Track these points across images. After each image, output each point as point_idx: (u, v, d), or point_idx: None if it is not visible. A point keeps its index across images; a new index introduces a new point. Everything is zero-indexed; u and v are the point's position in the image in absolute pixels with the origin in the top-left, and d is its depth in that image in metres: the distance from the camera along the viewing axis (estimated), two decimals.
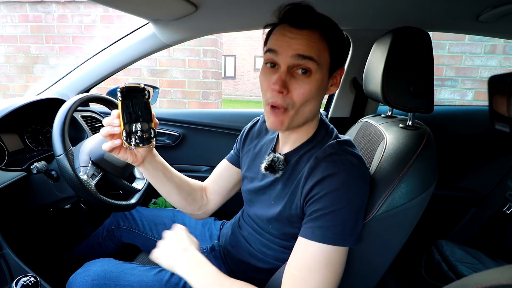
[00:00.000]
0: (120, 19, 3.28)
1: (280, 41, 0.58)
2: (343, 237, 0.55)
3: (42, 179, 0.92)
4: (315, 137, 0.67)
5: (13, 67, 3.54)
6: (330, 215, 0.55)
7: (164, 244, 0.68)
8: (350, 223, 0.56)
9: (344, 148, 0.61)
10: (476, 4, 0.90)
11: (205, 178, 0.90)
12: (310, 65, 0.57)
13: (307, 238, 0.56)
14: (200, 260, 0.64)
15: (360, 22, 1.14)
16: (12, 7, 3.37)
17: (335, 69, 0.62)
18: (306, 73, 0.57)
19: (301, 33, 0.57)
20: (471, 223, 1.39)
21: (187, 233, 0.70)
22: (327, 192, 0.56)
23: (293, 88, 0.58)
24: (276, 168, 0.66)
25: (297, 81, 0.58)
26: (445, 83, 3.06)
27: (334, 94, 1.41)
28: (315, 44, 0.57)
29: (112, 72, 1.31)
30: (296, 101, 0.58)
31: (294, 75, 0.58)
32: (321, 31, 0.58)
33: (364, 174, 0.60)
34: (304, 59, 0.56)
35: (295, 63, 0.57)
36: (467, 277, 0.29)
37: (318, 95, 0.60)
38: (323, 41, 0.58)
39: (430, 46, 0.69)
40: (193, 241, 0.69)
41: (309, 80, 0.58)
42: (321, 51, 0.58)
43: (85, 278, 0.76)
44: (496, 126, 0.27)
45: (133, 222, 1.05)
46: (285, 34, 0.58)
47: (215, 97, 3.51)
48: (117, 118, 0.60)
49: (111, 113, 0.61)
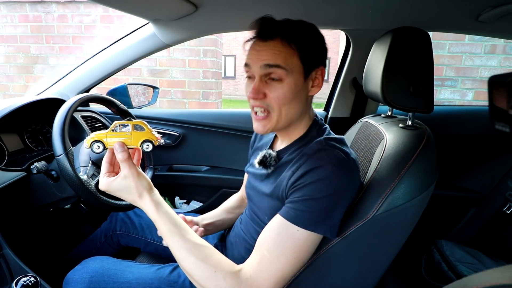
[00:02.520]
0: (120, 19, 3.28)
1: (251, 54, 0.64)
2: (315, 224, 0.58)
3: (42, 179, 0.92)
4: (306, 135, 0.69)
5: (13, 67, 3.54)
6: (309, 201, 0.58)
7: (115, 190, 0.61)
8: (325, 212, 0.58)
9: (331, 144, 0.63)
10: (476, 4, 0.90)
11: (205, 178, 0.90)
12: (279, 72, 0.61)
13: (282, 216, 0.60)
14: (154, 210, 0.60)
15: (360, 22, 1.14)
16: (12, 7, 3.37)
17: (310, 70, 0.64)
18: (277, 80, 0.62)
19: (266, 44, 0.62)
20: (471, 223, 1.39)
21: (134, 179, 0.60)
22: (310, 182, 0.58)
23: (268, 92, 0.63)
24: (267, 164, 0.70)
25: (271, 87, 0.63)
26: (445, 83, 3.06)
27: (334, 94, 1.42)
28: (279, 52, 0.61)
29: (112, 72, 1.31)
30: (273, 104, 0.63)
31: (268, 82, 0.63)
32: (285, 38, 0.61)
33: (349, 169, 0.61)
34: (271, 67, 0.61)
35: (265, 73, 0.62)
36: (467, 277, 0.29)
37: (296, 97, 0.63)
38: (287, 47, 0.61)
39: (430, 46, 0.69)
40: (143, 184, 0.61)
41: (281, 85, 0.62)
42: (288, 57, 0.61)
43: (84, 274, 0.77)
44: (496, 126, 0.27)
45: (132, 226, 1.04)
46: (254, 48, 0.64)
47: (215, 97, 3.51)
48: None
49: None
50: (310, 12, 1.04)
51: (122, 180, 0.59)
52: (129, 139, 0.60)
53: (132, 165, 0.60)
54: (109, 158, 0.63)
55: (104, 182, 0.61)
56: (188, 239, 0.59)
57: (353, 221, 0.61)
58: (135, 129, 0.61)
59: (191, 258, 0.58)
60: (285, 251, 0.58)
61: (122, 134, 0.60)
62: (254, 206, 0.77)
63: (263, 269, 0.58)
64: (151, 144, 0.61)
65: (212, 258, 0.59)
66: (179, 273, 0.79)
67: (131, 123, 0.61)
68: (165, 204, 0.62)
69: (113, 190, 0.61)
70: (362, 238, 0.61)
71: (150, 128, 0.62)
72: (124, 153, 0.59)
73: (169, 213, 0.61)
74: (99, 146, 0.60)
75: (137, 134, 0.61)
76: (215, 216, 0.91)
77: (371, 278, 0.67)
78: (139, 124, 0.61)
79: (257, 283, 0.57)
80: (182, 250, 0.59)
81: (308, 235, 0.58)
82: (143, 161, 1.10)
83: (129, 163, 0.59)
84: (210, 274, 0.57)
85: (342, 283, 0.66)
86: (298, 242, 0.58)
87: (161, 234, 0.61)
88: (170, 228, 0.59)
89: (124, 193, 0.60)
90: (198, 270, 0.57)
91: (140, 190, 0.60)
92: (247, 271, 0.58)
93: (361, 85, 0.89)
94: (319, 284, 0.64)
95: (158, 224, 0.60)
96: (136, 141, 0.61)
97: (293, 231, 0.58)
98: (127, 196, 0.60)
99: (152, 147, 0.61)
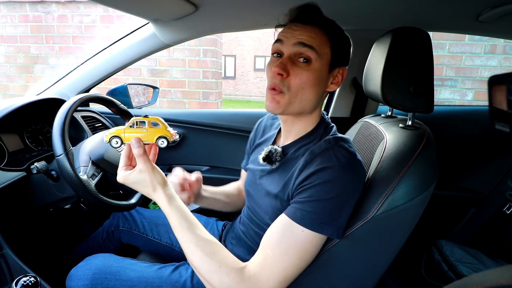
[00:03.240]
0: (120, 19, 3.28)
1: (285, 32, 0.64)
2: (321, 225, 0.58)
3: (42, 179, 0.92)
4: (314, 132, 0.69)
5: (13, 67, 3.54)
6: (316, 202, 0.58)
7: (131, 183, 0.63)
8: (332, 213, 0.58)
9: (340, 144, 0.63)
10: (476, 4, 0.90)
11: (205, 178, 0.91)
12: (310, 54, 0.62)
13: (288, 216, 0.60)
14: (166, 204, 0.62)
15: (360, 22, 1.14)
16: (12, 7, 3.37)
17: (335, 65, 0.66)
18: (306, 62, 0.62)
19: (304, 27, 0.63)
20: (471, 223, 1.39)
21: (149, 173, 0.62)
22: (318, 183, 0.58)
23: (292, 72, 0.62)
24: (273, 159, 0.69)
25: (297, 68, 0.62)
26: (445, 83, 3.06)
27: (334, 94, 1.41)
28: (316, 36, 0.62)
29: (112, 72, 1.31)
30: (292, 85, 0.63)
31: (296, 62, 0.63)
32: (324, 28, 0.63)
33: (357, 170, 0.61)
34: (305, 46, 0.61)
35: (297, 51, 0.62)
36: (467, 277, 0.29)
37: (316, 85, 0.64)
38: (325, 36, 0.63)
39: (430, 46, 0.69)
40: (157, 179, 0.62)
41: (308, 68, 0.62)
42: (322, 43, 0.63)
43: (86, 271, 0.77)
44: (496, 126, 0.27)
45: (133, 223, 1.05)
46: (291, 27, 0.64)
47: (215, 97, 3.51)
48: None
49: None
50: None
51: (137, 174, 0.61)
52: (145, 135, 0.62)
53: (147, 160, 0.62)
54: (127, 152, 0.65)
55: (122, 175, 0.63)
56: (197, 233, 0.61)
57: (353, 221, 0.61)
58: (152, 126, 0.63)
59: (198, 252, 0.59)
60: (289, 251, 0.58)
61: (139, 130, 0.63)
62: (254, 204, 0.76)
63: (267, 268, 0.58)
64: (166, 140, 0.63)
65: (218, 253, 0.60)
66: (180, 273, 0.79)
67: (148, 120, 0.63)
68: (177, 198, 0.64)
69: (129, 183, 0.63)
70: (362, 238, 0.61)
71: (166, 124, 0.64)
72: (140, 148, 0.61)
73: (181, 208, 0.63)
74: (117, 141, 0.63)
75: (153, 130, 0.63)
76: (212, 191, 0.91)
77: (371, 278, 0.67)
78: (155, 120, 0.63)
79: (260, 281, 0.57)
80: (190, 243, 0.60)
81: (313, 236, 0.58)
82: None
83: (144, 158, 0.61)
84: (215, 269, 0.58)
85: (342, 283, 0.66)
86: (302, 242, 0.58)
87: (172, 227, 0.63)
88: (181, 222, 0.61)
89: (139, 186, 0.62)
90: (204, 265, 0.58)
91: (154, 184, 0.61)
92: (251, 268, 0.59)
93: (361, 85, 0.89)
94: (319, 284, 0.64)
95: (169, 217, 0.62)
96: (152, 137, 0.63)
97: (298, 232, 0.58)
98: (142, 189, 0.63)
99: (167, 143, 0.63)
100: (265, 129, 0.86)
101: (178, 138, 0.68)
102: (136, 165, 0.63)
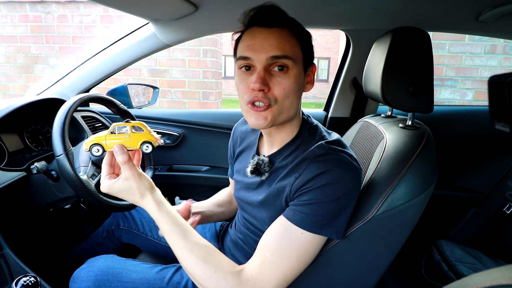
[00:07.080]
0: (120, 19, 3.28)
1: (252, 44, 0.58)
2: (321, 226, 0.57)
3: (42, 179, 0.92)
4: (298, 137, 0.67)
5: (13, 67, 3.53)
6: (315, 205, 0.57)
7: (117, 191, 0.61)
8: (332, 215, 0.57)
9: (333, 148, 0.62)
10: (476, 4, 0.90)
11: (205, 178, 0.90)
12: (286, 62, 0.58)
13: (287, 218, 0.59)
14: (156, 210, 0.60)
15: (360, 22, 1.14)
16: (12, 7, 3.37)
17: (308, 65, 0.64)
18: (283, 70, 0.58)
19: (270, 32, 0.58)
20: (471, 223, 1.39)
21: (136, 180, 0.60)
22: (318, 186, 0.57)
23: (273, 85, 0.58)
24: (261, 171, 0.67)
25: (276, 78, 0.59)
26: (445, 83, 3.06)
27: (334, 94, 1.41)
28: (286, 41, 0.58)
29: (112, 72, 1.31)
30: (277, 96, 0.59)
31: (272, 72, 0.59)
32: (290, 28, 0.59)
33: (355, 171, 0.60)
34: (279, 58, 0.57)
35: (271, 62, 0.58)
36: (467, 277, 0.29)
37: (298, 90, 0.61)
38: (293, 37, 0.59)
39: (430, 46, 0.69)
40: (145, 185, 0.60)
41: (287, 76, 0.59)
42: (294, 47, 0.59)
43: (89, 273, 0.77)
44: (496, 126, 0.27)
45: (133, 223, 1.05)
46: (256, 36, 0.58)
47: (215, 97, 3.50)
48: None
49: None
50: (310, 12, 1.04)
51: (123, 182, 0.59)
52: (128, 141, 0.60)
53: (133, 167, 0.59)
54: (109, 160, 0.62)
55: (106, 184, 0.60)
56: (189, 239, 0.59)
57: (353, 221, 0.61)
58: (134, 131, 0.60)
59: (192, 258, 0.57)
60: (288, 253, 0.57)
61: (121, 136, 0.60)
62: (249, 216, 0.75)
63: (265, 271, 0.57)
64: (151, 145, 0.60)
65: (213, 258, 0.58)
66: (182, 274, 0.79)
67: (130, 125, 0.60)
68: (167, 203, 0.62)
69: (114, 192, 0.60)
70: (362, 238, 0.61)
71: (149, 129, 0.61)
72: (124, 155, 0.58)
73: (171, 213, 0.61)
74: (98, 149, 0.60)
75: (136, 136, 0.60)
76: (205, 206, 0.88)
77: (371, 278, 0.67)
78: (138, 125, 0.61)
79: (259, 284, 0.56)
80: (183, 250, 0.58)
81: (312, 238, 0.57)
82: (143, 161, 1.10)
83: (129, 165, 0.59)
84: (211, 274, 0.56)
85: (342, 283, 0.66)
86: (302, 244, 0.57)
87: (163, 234, 0.61)
88: (172, 228, 0.59)
89: (126, 194, 0.60)
90: (199, 270, 0.57)
91: (142, 190, 0.59)
92: (248, 272, 0.58)
93: (361, 85, 0.89)
94: (319, 284, 0.64)
95: (160, 223, 0.60)
96: (135, 143, 0.60)
97: (297, 234, 0.57)
98: (129, 197, 0.60)
99: (152, 148, 0.61)
100: (242, 135, 0.83)
101: (163, 142, 0.66)
102: (119, 173, 0.60)
